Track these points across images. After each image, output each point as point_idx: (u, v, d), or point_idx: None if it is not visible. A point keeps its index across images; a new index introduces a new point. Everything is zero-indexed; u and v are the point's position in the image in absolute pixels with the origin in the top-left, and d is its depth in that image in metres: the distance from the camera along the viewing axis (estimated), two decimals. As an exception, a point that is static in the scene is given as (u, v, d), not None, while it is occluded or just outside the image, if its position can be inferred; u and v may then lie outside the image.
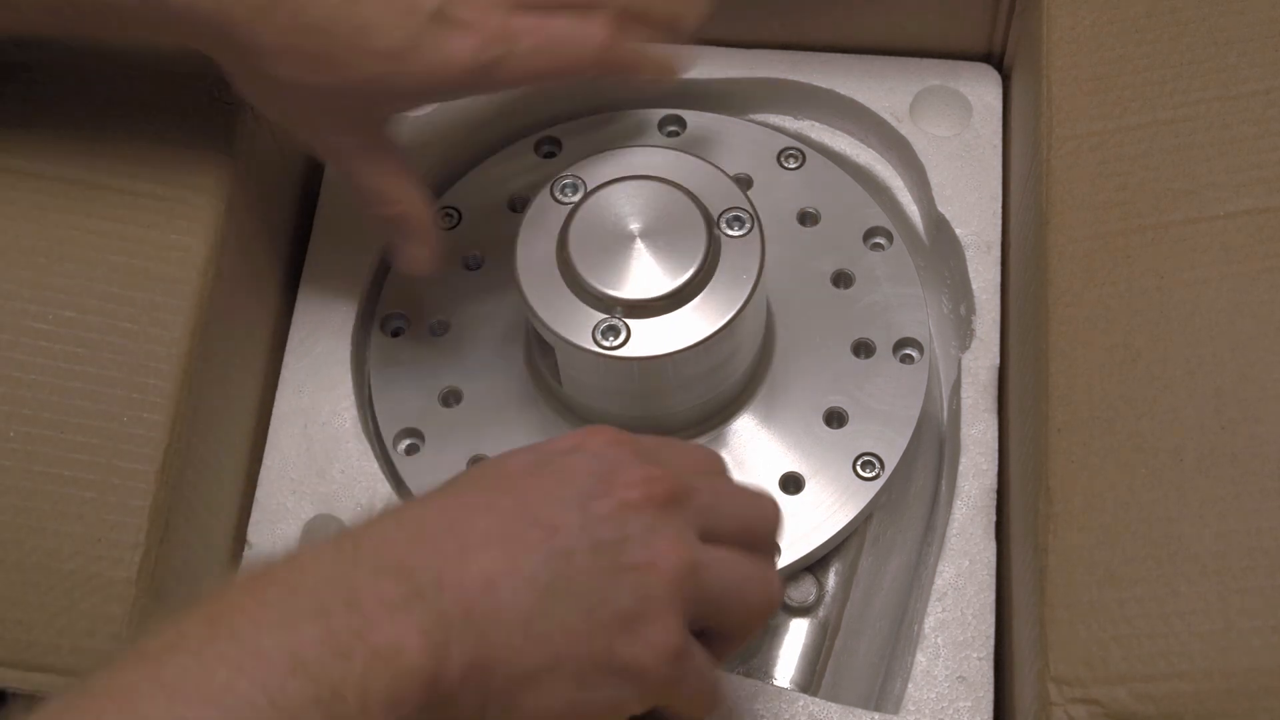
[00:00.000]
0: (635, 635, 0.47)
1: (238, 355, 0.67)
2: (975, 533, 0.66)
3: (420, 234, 0.65)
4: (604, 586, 0.46)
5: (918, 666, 0.64)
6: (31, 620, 0.57)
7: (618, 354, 0.62)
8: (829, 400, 0.69)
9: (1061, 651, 0.54)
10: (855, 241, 0.72)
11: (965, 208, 0.74)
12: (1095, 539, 0.56)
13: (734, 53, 0.78)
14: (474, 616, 0.44)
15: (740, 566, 0.51)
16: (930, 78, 0.77)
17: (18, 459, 0.59)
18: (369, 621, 0.43)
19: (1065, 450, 0.58)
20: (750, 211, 0.64)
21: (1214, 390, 0.57)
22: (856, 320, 0.70)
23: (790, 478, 0.67)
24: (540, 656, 0.45)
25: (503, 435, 0.69)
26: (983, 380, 0.70)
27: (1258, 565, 0.54)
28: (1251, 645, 0.53)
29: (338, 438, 0.69)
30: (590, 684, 0.46)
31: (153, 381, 0.61)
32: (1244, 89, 0.63)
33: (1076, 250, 0.61)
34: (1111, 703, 0.53)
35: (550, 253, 0.64)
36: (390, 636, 0.43)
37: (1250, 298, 0.58)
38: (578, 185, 0.65)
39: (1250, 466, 0.55)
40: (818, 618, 0.67)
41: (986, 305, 0.72)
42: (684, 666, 0.48)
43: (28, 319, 0.61)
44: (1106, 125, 0.64)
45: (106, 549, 0.58)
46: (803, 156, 0.75)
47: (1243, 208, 0.60)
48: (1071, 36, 0.66)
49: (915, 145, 0.75)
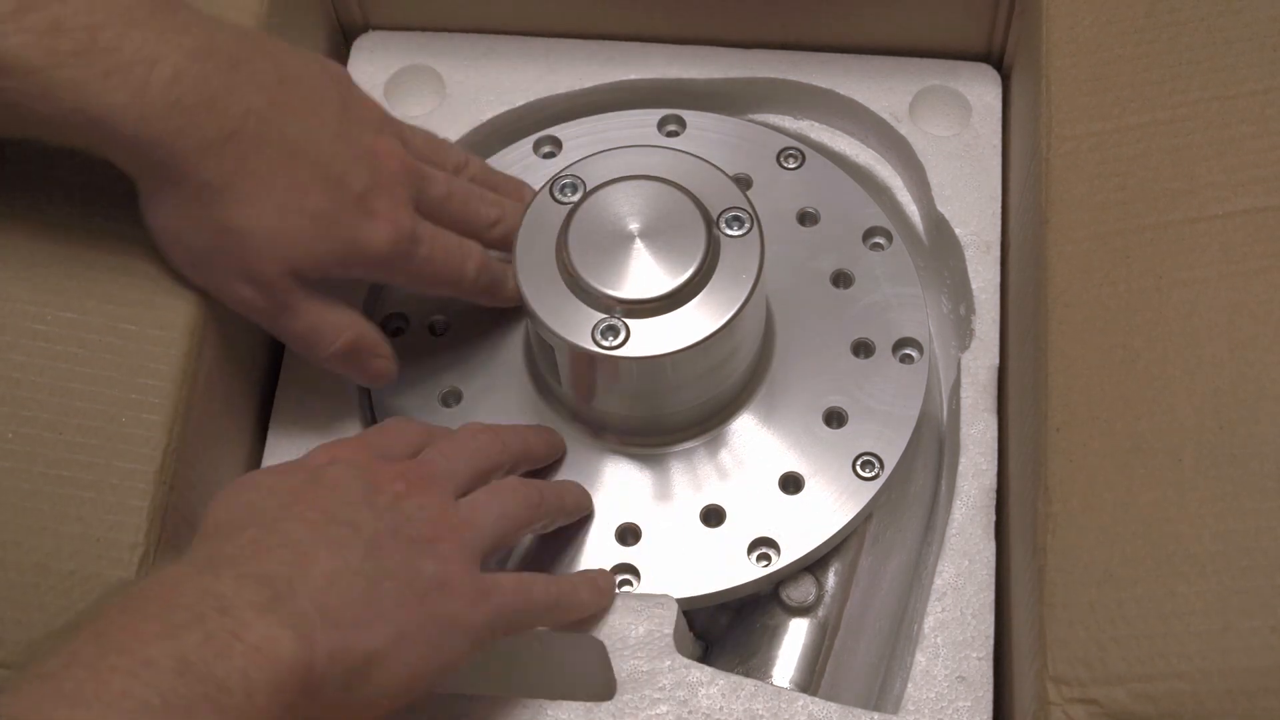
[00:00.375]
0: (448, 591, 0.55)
1: (237, 355, 0.67)
2: (975, 532, 0.66)
3: (373, 348, 0.67)
4: (410, 559, 0.55)
5: (917, 666, 0.64)
6: (31, 620, 0.57)
7: (617, 354, 0.62)
8: (828, 400, 0.69)
9: (1060, 651, 0.54)
10: (855, 241, 0.72)
11: (965, 208, 0.74)
12: (1094, 539, 0.56)
13: (734, 53, 0.78)
14: (327, 610, 0.51)
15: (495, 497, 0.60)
16: (930, 78, 0.77)
17: (17, 460, 0.59)
18: (242, 622, 0.48)
19: (1064, 450, 0.58)
20: (750, 211, 0.64)
21: (1213, 390, 0.57)
22: (856, 320, 0.70)
23: (790, 478, 0.67)
24: (385, 629, 0.52)
25: (502, 435, 0.69)
26: (982, 380, 0.70)
27: (1256, 565, 0.54)
28: (1250, 645, 0.53)
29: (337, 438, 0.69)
30: (432, 643, 0.54)
31: (152, 382, 0.61)
32: (1243, 89, 0.63)
33: (1076, 250, 0.61)
34: (1110, 703, 0.53)
35: (550, 252, 0.64)
36: (264, 632, 0.49)
37: (1249, 297, 0.58)
38: (577, 185, 0.65)
39: (1249, 467, 0.55)
40: (817, 618, 0.67)
41: (986, 305, 0.72)
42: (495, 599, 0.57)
43: (27, 320, 0.61)
44: (1105, 125, 0.64)
45: (106, 549, 0.58)
46: (802, 156, 0.75)
47: (1241, 207, 0.60)
48: (1071, 36, 0.66)
49: (915, 145, 0.75)
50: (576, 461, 0.68)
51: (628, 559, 0.66)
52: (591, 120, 0.77)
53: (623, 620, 0.63)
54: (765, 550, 0.66)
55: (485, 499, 0.60)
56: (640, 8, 0.78)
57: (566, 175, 0.66)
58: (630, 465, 0.68)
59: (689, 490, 0.67)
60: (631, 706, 0.61)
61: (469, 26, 0.78)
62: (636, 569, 0.66)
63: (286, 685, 0.48)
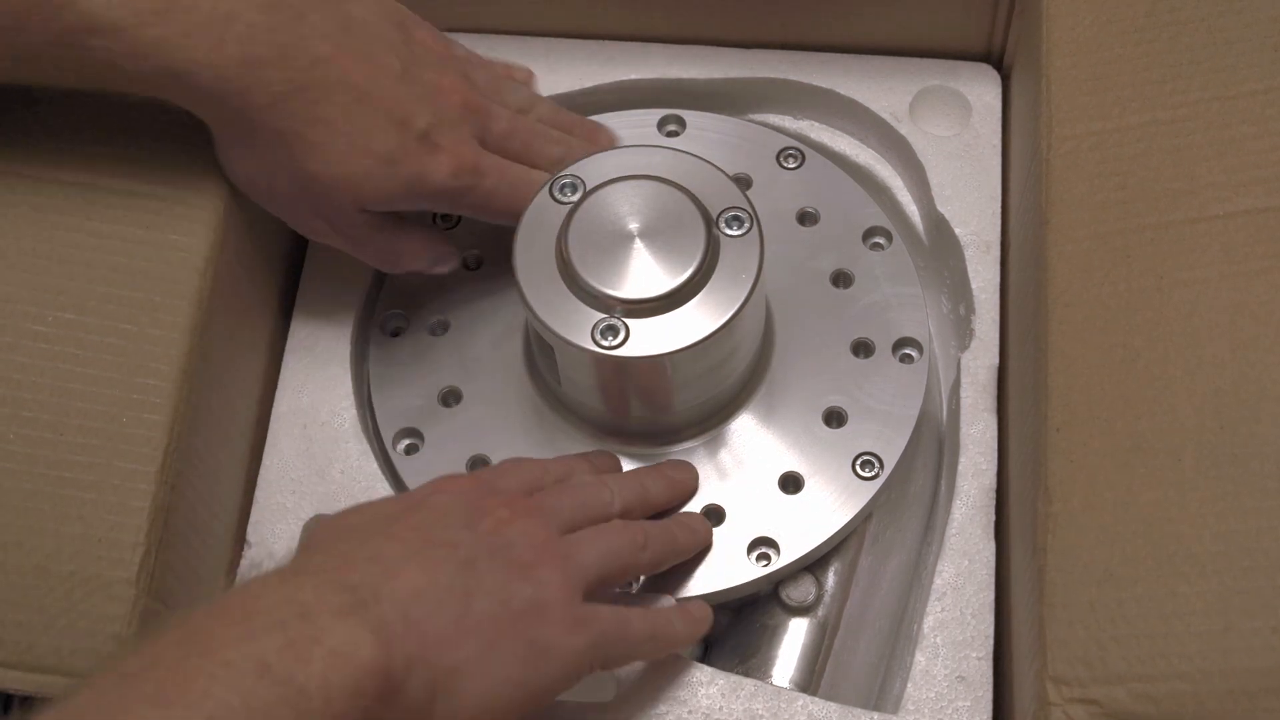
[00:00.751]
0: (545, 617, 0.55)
1: (237, 355, 0.68)
2: (974, 532, 0.66)
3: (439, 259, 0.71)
4: (508, 583, 0.54)
5: (917, 666, 0.64)
6: (32, 621, 0.57)
7: (617, 353, 0.62)
8: (828, 400, 0.69)
9: (1060, 651, 0.54)
10: (855, 241, 0.72)
11: (965, 207, 0.74)
12: (1094, 538, 0.56)
13: (734, 53, 0.78)
14: (410, 619, 0.51)
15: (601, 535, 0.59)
16: (930, 78, 0.77)
17: (18, 460, 0.59)
18: (323, 628, 0.49)
19: (1064, 450, 0.58)
20: (749, 211, 0.64)
21: (1213, 390, 0.57)
22: (856, 320, 0.70)
23: (790, 477, 0.67)
24: (473, 645, 0.52)
25: (502, 435, 0.69)
26: (982, 380, 0.70)
27: (1257, 565, 0.54)
28: (1251, 645, 0.53)
29: (337, 438, 0.70)
30: (523, 667, 0.53)
31: (152, 382, 0.61)
32: (1243, 89, 0.63)
33: (1076, 250, 0.61)
34: (1110, 702, 0.53)
35: (549, 252, 0.64)
36: (344, 637, 0.49)
37: (1249, 297, 0.58)
38: (577, 185, 0.65)
39: (1249, 466, 0.55)
40: (817, 617, 0.67)
41: (986, 305, 0.72)
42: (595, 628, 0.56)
43: (27, 321, 0.61)
44: (1106, 125, 0.64)
45: (106, 549, 0.58)
46: (802, 156, 0.75)
47: (1242, 207, 0.60)
48: (1071, 36, 0.66)
49: (915, 145, 0.75)
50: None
51: (628, 559, 0.66)
52: (592, 120, 0.77)
53: (623, 620, 0.63)
54: (765, 550, 0.66)
55: (590, 535, 0.59)
56: (640, 8, 0.78)
57: (566, 175, 0.66)
58: (630, 465, 0.68)
59: (689, 490, 0.68)
60: (632, 706, 0.61)
61: (469, 26, 0.78)
62: (637, 569, 0.66)
63: (364, 689, 0.48)
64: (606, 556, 0.59)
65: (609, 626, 0.57)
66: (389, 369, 0.71)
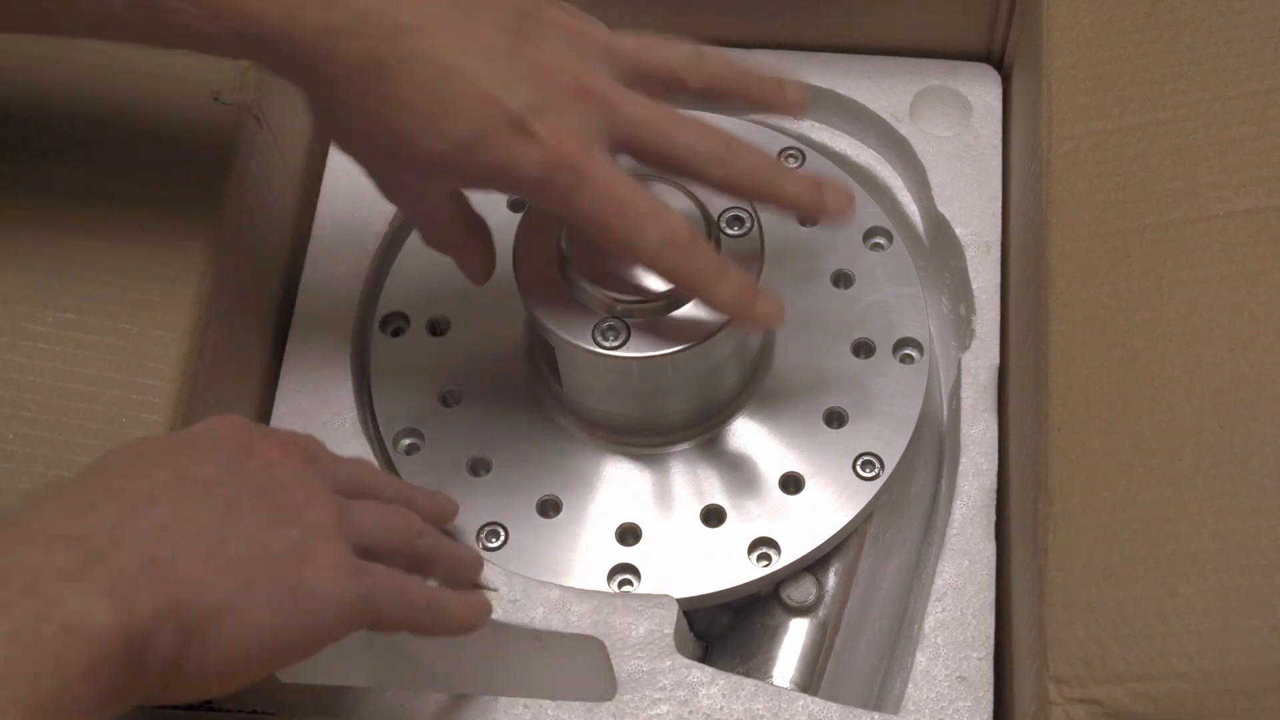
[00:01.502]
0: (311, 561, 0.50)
1: (236, 356, 0.68)
2: (975, 533, 0.66)
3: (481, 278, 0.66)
4: (271, 524, 0.50)
5: (917, 666, 0.64)
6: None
7: (617, 354, 0.62)
8: (829, 400, 0.69)
9: (1060, 651, 0.54)
10: (855, 241, 0.72)
11: (965, 208, 0.74)
12: (1094, 538, 0.56)
13: (734, 53, 0.78)
14: (155, 560, 0.46)
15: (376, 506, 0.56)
16: (930, 78, 0.77)
17: (17, 460, 0.59)
18: (50, 599, 0.44)
19: (1065, 450, 0.58)
20: (750, 211, 0.64)
21: (1213, 390, 0.57)
22: (856, 320, 0.70)
23: (790, 478, 0.67)
24: (230, 584, 0.48)
25: (502, 435, 0.69)
26: (982, 380, 0.70)
27: (1256, 565, 0.54)
28: (1250, 645, 0.53)
29: (338, 438, 0.69)
30: (284, 611, 0.49)
31: (151, 382, 0.61)
32: (1244, 89, 0.63)
33: (1076, 250, 0.61)
34: (1110, 702, 0.53)
35: (550, 252, 0.64)
36: (75, 607, 0.44)
37: (1249, 298, 0.58)
38: (577, 185, 0.65)
39: (1249, 466, 0.55)
40: (817, 618, 0.67)
41: (986, 305, 0.72)
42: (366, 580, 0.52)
43: (27, 321, 0.61)
44: (1106, 125, 0.63)
45: (106, 549, 0.58)
46: (803, 156, 0.75)
47: (1242, 207, 0.60)
48: (1071, 36, 0.66)
49: (915, 145, 0.75)
50: (576, 461, 0.68)
51: (628, 559, 0.66)
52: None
53: (623, 620, 0.63)
54: (765, 550, 0.66)
55: (366, 503, 0.56)
56: (640, 8, 0.78)
57: (566, 175, 0.66)
58: (630, 465, 0.68)
59: (689, 490, 0.67)
60: (632, 706, 0.61)
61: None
62: (637, 569, 0.66)
63: (105, 659, 0.44)
64: (381, 523, 0.55)
65: (384, 583, 0.53)
66: (389, 369, 0.71)
